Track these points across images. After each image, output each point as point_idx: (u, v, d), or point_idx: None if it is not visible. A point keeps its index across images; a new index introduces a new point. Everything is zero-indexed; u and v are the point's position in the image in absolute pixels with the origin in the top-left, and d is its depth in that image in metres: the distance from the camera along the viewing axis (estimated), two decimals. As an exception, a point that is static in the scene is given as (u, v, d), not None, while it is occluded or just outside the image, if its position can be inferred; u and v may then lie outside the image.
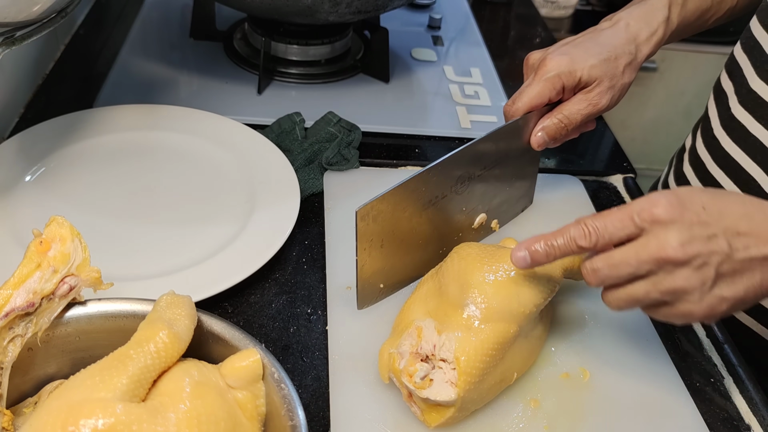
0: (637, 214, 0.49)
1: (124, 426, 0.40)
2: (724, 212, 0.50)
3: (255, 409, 0.46)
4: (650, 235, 0.49)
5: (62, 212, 0.50)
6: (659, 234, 0.48)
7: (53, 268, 0.46)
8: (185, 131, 0.81)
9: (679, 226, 0.48)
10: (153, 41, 1.02)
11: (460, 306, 0.54)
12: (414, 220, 0.59)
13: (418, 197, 0.59)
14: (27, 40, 0.55)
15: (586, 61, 0.64)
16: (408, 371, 0.52)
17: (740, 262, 0.49)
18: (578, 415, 0.57)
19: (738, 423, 0.60)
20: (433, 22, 1.16)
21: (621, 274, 0.50)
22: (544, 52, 0.65)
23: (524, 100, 0.63)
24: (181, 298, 0.48)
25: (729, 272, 0.49)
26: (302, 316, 0.64)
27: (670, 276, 0.49)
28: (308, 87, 0.96)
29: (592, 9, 1.75)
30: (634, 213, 0.49)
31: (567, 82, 0.63)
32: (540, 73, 0.64)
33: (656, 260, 0.48)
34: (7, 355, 0.45)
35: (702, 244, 0.48)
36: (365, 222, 0.57)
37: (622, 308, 0.52)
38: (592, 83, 0.65)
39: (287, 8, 0.83)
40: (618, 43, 0.67)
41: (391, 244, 0.59)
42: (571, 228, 0.51)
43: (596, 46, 0.66)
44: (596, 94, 0.65)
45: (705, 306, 0.50)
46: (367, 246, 0.58)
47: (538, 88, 0.63)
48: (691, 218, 0.48)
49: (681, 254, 0.48)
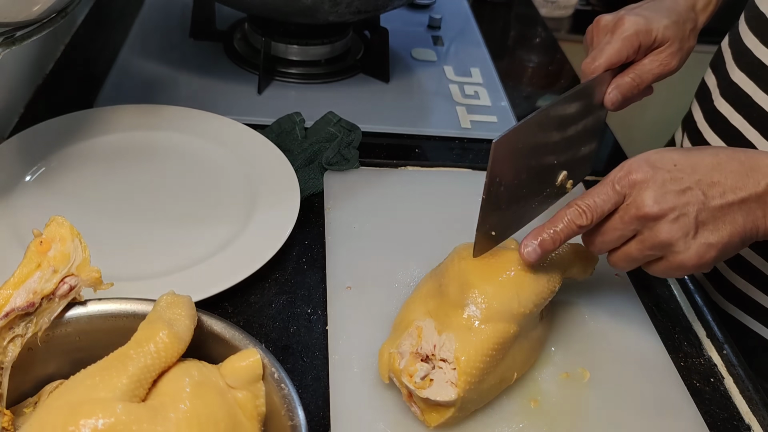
0: (617, 182, 0.53)
1: (124, 426, 0.40)
2: (696, 166, 0.53)
3: (255, 409, 0.46)
4: (630, 199, 0.53)
5: (62, 212, 0.50)
6: (636, 196, 0.53)
7: (53, 268, 0.46)
8: (185, 131, 0.81)
9: (652, 185, 0.52)
10: (153, 41, 1.02)
11: (461, 306, 0.54)
12: (522, 163, 0.57)
13: (534, 139, 0.58)
14: (27, 40, 0.55)
15: (660, 22, 0.65)
16: (408, 371, 0.52)
17: (718, 209, 0.53)
18: (578, 415, 0.57)
19: (738, 423, 0.60)
20: (433, 22, 1.16)
21: (613, 238, 0.55)
22: (616, 15, 0.66)
23: (605, 56, 0.63)
24: (181, 298, 0.48)
25: (709, 219, 0.53)
26: (302, 316, 0.64)
27: (654, 231, 0.53)
28: (308, 87, 0.96)
29: (592, 9, 1.75)
30: (615, 182, 0.54)
31: (644, 41, 0.64)
32: (618, 32, 0.64)
33: (637, 219, 0.53)
34: (7, 355, 0.45)
35: (675, 197, 0.52)
36: (499, 153, 0.55)
37: (626, 268, 0.58)
38: (665, 44, 0.66)
39: (287, 8, 0.83)
40: (681, 10, 0.68)
41: (508, 187, 0.57)
42: (567, 211, 0.55)
43: (664, 9, 0.67)
44: (668, 55, 0.66)
45: (693, 254, 0.53)
46: (494, 184, 0.56)
47: (617, 45, 0.63)
48: (663, 176, 0.53)
49: (657, 210, 0.52)
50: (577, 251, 0.62)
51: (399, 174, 0.82)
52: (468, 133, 0.90)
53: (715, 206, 0.53)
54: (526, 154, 0.58)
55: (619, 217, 0.54)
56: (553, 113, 0.58)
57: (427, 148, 0.88)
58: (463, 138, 0.90)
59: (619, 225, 0.54)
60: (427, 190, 0.80)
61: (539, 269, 0.57)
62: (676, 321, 0.69)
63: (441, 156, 0.87)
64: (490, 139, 0.88)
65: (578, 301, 0.67)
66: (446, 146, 0.89)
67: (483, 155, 0.88)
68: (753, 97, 0.71)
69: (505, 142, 0.54)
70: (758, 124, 0.71)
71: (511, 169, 0.57)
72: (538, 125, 0.57)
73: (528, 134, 0.57)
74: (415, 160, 0.85)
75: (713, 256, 0.54)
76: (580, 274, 0.63)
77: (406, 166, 0.84)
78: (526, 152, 0.57)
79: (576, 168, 0.64)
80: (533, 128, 0.57)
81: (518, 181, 0.58)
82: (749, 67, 0.73)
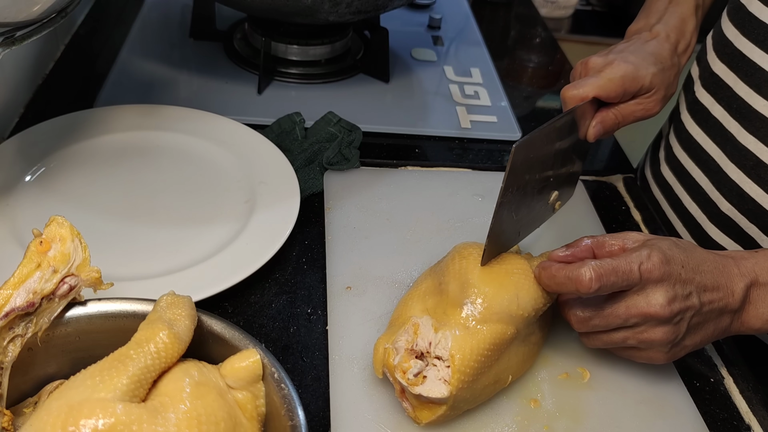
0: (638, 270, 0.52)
1: (125, 426, 0.40)
2: (697, 270, 0.54)
3: (255, 409, 0.46)
4: (641, 292, 0.53)
5: (62, 212, 0.50)
6: (649, 292, 0.53)
7: (53, 268, 0.46)
8: (185, 131, 0.81)
9: (666, 285, 0.53)
10: (153, 41, 1.02)
11: (459, 305, 0.54)
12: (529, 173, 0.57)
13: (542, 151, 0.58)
14: (27, 40, 0.55)
15: (648, 69, 0.66)
16: (402, 367, 0.52)
17: (705, 315, 0.55)
18: (578, 415, 0.57)
19: (738, 423, 0.60)
20: (433, 22, 1.16)
21: (610, 324, 0.55)
22: (606, 58, 0.66)
23: (588, 86, 0.63)
24: (181, 298, 0.48)
25: (695, 325, 0.55)
26: (302, 316, 0.64)
27: (652, 329, 0.54)
28: (308, 87, 0.96)
29: (592, 9, 1.75)
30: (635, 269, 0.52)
31: (630, 87, 0.65)
32: (605, 72, 0.65)
33: (643, 316, 0.53)
34: (7, 355, 0.45)
35: (682, 302, 0.53)
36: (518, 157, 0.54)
37: (595, 347, 0.58)
38: (651, 90, 0.67)
39: (287, 8, 0.83)
40: (666, 55, 0.69)
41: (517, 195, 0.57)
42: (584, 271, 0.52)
43: (650, 56, 0.68)
44: (652, 101, 0.67)
45: (670, 355, 0.56)
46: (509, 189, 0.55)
47: (602, 82, 0.64)
48: (675, 277, 0.53)
49: (667, 312, 0.52)
50: None
51: (399, 174, 0.82)
52: (468, 133, 0.90)
53: (704, 312, 0.55)
54: (534, 165, 0.58)
55: (626, 308, 0.53)
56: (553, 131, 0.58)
57: (427, 148, 0.88)
58: (463, 138, 0.90)
59: (623, 315, 0.53)
60: (427, 190, 0.80)
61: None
62: (676, 321, 0.69)
63: (441, 156, 0.87)
64: (490, 139, 0.90)
65: (578, 301, 0.67)
66: (446, 146, 0.89)
67: (483, 155, 0.88)
68: (733, 88, 0.72)
69: (524, 147, 0.54)
70: (738, 115, 0.72)
71: (522, 177, 0.57)
72: (546, 137, 0.58)
73: (539, 144, 0.57)
74: (415, 160, 0.85)
75: (680, 356, 0.57)
76: None
77: (406, 166, 0.84)
78: (534, 163, 0.57)
79: (564, 190, 0.64)
80: (543, 139, 0.57)
81: (524, 191, 0.58)
82: (730, 59, 0.73)
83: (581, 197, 0.81)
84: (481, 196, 0.78)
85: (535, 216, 0.63)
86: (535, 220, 0.64)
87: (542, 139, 0.57)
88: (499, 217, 0.56)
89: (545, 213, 0.64)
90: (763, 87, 0.69)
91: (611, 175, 0.88)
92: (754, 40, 0.70)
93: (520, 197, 0.57)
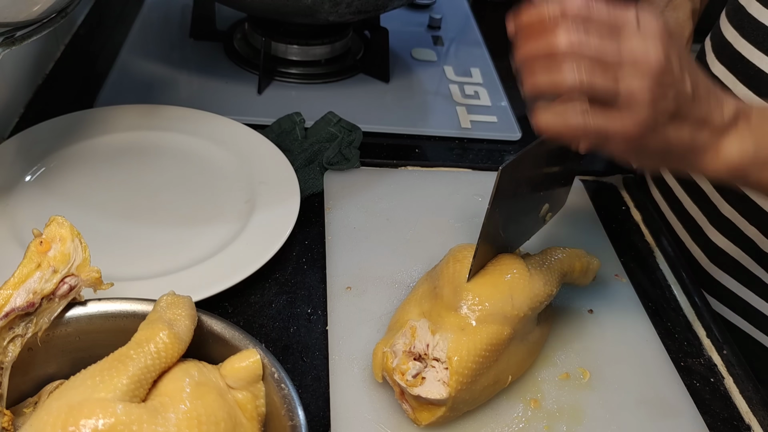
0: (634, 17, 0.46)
1: (125, 426, 0.40)
2: (693, 71, 0.49)
3: (255, 409, 0.46)
4: (639, 35, 0.46)
5: (62, 212, 0.50)
6: (648, 40, 0.46)
7: (53, 268, 0.46)
8: (185, 131, 0.81)
9: (663, 53, 0.46)
10: (153, 41, 1.02)
11: (454, 308, 0.54)
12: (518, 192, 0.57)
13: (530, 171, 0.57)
14: (27, 40, 0.55)
15: None
16: (400, 369, 0.52)
17: (689, 109, 0.48)
18: (578, 415, 0.57)
19: (738, 423, 0.60)
20: (433, 22, 1.16)
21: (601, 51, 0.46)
22: None
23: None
24: (181, 298, 0.48)
25: (676, 113, 0.48)
26: (302, 316, 0.64)
27: (637, 79, 0.46)
28: (308, 87, 0.96)
29: (592, 9, 1.75)
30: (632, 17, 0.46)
31: None
32: None
33: (636, 58, 0.46)
34: (7, 355, 0.45)
35: (673, 77, 0.47)
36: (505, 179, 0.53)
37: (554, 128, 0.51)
38: None
39: (287, 8, 0.83)
40: None
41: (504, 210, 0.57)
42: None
43: None
44: None
45: (638, 143, 0.48)
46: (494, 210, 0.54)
47: None
48: (672, 59, 0.46)
49: (663, 67, 0.46)
50: (579, 256, 0.62)
51: (399, 174, 0.82)
52: (468, 133, 0.90)
53: (690, 106, 0.48)
54: (522, 184, 0.58)
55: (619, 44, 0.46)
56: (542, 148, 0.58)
57: (427, 148, 0.88)
58: (463, 138, 0.90)
59: (614, 48, 0.45)
60: (427, 190, 0.80)
61: (535, 273, 0.57)
62: (676, 321, 0.69)
63: (441, 156, 0.87)
64: (490, 139, 0.90)
65: (578, 301, 0.67)
66: (446, 146, 0.89)
67: (483, 155, 0.88)
68: (733, 89, 0.72)
69: (510, 169, 0.54)
70: None
71: (509, 197, 0.56)
72: (534, 157, 0.57)
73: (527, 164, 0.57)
74: (415, 160, 0.85)
75: (644, 152, 0.50)
76: (581, 280, 0.63)
77: (406, 166, 0.84)
78: (522, 181, 0.57)
79: (555, 202, 0.64)
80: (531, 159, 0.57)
81: (513, 209, 0.58)
82: (729, 61, 0.73)
83: (581, 197, 0.81)
84: (481, 196, 0.78)
85: (524, 230, 0.63)
86: (525, 234, 0.63)
87: (530, 158, 0.56)
88: (486, 235, 0.56)
89: (535, 226, 0.64)
90: (762, 89, 0.68)
91: (611, 175, 0.88)
92: (754, 41, 0.70)
93: (507, 215, 0.58)
